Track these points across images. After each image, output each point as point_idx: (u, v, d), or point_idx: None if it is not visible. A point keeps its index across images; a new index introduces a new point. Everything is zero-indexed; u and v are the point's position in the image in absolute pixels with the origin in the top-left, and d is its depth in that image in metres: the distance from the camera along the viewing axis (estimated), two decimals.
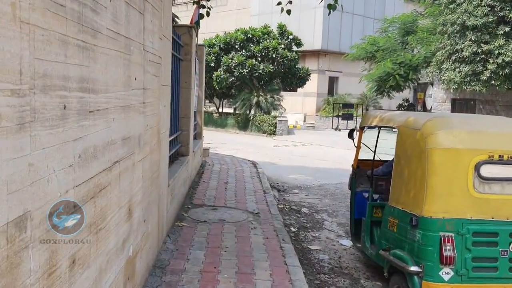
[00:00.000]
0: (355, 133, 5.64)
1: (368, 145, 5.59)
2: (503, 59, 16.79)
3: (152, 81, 3.76)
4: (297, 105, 30.83)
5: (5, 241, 1.46)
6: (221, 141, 18.41)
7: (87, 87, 2.17)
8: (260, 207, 6.93)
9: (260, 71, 22.78)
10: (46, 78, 1.71)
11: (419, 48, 23.81)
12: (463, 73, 18.07)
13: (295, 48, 24.83)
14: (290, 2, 7.53)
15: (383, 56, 24.41)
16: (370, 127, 5.53)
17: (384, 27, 26.85)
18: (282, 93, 25.16)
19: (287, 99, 27.31)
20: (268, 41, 23.45)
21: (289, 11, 7.60)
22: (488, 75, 17.17)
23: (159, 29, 3.98)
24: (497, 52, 16.95)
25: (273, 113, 24.03)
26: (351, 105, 27.10)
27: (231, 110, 26.46)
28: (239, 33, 24.03)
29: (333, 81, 32.60)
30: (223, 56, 23.62)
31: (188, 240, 4.98)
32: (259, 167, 11.10)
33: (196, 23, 9.31)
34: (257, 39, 23.83)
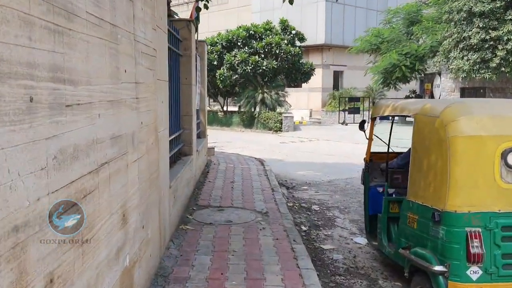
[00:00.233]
0: (366, 125, 5.33)
1: (380, 137, 5.30)
2: None
3: (146, 75, 3.46)
4: (302, 101, 30.52)
5: None
6: (226, 140, 18.14)
7: (62, 78, 1.87)
8: (268, 206, 6.62)
9: (263, 68, 22.45)
10: (2, 63, 1.42)
11: (424, 38, 23.40)
12: (471, 61, 17.65)
13: (298, 43, 24.48)
14: None
15: (388, 47, 24.01)
16: (382, 118, 5.22)
17: (388, 18, 26.43)
18: (286, 89, 24.84)
19: (292, 95, 27.01)
20: (270, 37, 23.11)
21: (291, 1, 7.30)
22: (497, 62, 16.76)
23: (152, 19, 3.69)
24: (506, 38, 16.52)
25: (279, 109, 23.73)
26: (357, 99, 26.80)
27: (235, 108, 26.18)
28: (241, 30, 23.72)
29: (337, 75, 32.27)
30: (225, 54, 23.31)
31: (193, 244, 4.68)
32: (266, 165, 10.79)
33: (195, 18, 9.02)
34: (260, 35, 23.51)
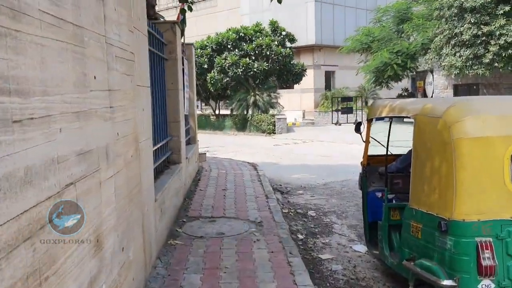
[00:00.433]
0: (362, 127, 5.05)
1: (377, 139, 5.02)
2: (505, 40, 16.20)
3: (122, 81, 3.16)
4: (295, 102, 30.29)
5: None
6: (219, 144, 17.83)
7: (7, 88, 1.56)
8: (262, 214, 6.32)
9: (254, 70, 22.17)
10: None
11: (415, 35, 23.25)
12: (464, 57, 17.47)
13: (288, 44, 24.27)
14: None
15: (379, 46, 23.85)
16: (378, 119, 4.95)
17: (377, 17, 26.29)
18: (278, 90, 24.61)
19: (284, 97, 26.78)
20: (261, 38, 22.85)
21: (280, 0, 7.02)
22: (490, 57, 16.58)
23: (128, 20, 3.38)
24: (498, 33, 16.34)
25: (271, 111, 23.50)
26: (349, 99, 26.62)
27: (228, 111, 25.89)
28: (230, 33, 23.44)
29: (329, 76, 32.10)
30: (216, 57, 23.01)
31: (182, 261, 4.36)
32: (260, 169, 10.50)
33: (181, 21, 8.70)
34: (250, 37, 23.24)
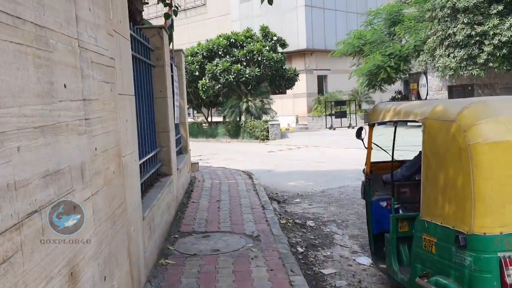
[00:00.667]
0: (363, 132, 4.74)
1: (380, 146, 4.71)
2: (499, 40, 16.03)
3: (100, 90, 2.82)
4: (288, 107, 30.03)
5: None
6: (212, 152, 17.48)
7: None
8: (260, 227, 5.97)
9: (246, 76, 21.89)
10: None
11: (407, 37, 23.11)
12: (458, 58, 17.29)
13: (280, 49, 24.05)
14: None
15: (371, 49, 23.71)
16: (381, 123, 4.63)
17: (369, 20, 26.18)
18: (271, 96, 24.35)
19: (277, 102, 26.52)
20: (252, 44, 22.60)
21: (270, 1, 6.72)
22: (485, 57, 16.41)
23: (106, 22, 3.05)
24: (492, 32, 16.18)
25: (264, 117, 23.22)
26: (343, 102, 26.41)
27: (220, 118, 25.56)
28: (221, 39, 23.17)
29: (322, 80, 31.88)
30: (207, 63, 22.71)
31: (174, 284, 4.00)
32: (255, 178, 10.15)
33: (169, 26, 8.39)
34: (241, 43, 22.98)
